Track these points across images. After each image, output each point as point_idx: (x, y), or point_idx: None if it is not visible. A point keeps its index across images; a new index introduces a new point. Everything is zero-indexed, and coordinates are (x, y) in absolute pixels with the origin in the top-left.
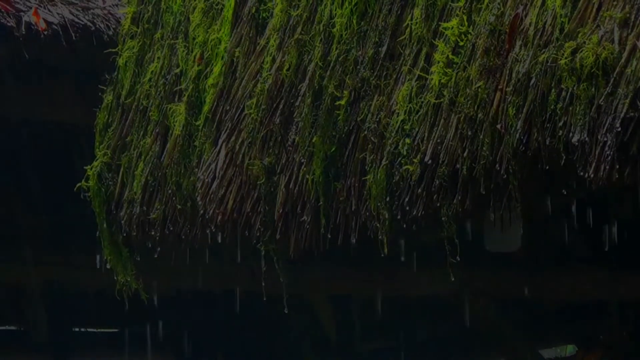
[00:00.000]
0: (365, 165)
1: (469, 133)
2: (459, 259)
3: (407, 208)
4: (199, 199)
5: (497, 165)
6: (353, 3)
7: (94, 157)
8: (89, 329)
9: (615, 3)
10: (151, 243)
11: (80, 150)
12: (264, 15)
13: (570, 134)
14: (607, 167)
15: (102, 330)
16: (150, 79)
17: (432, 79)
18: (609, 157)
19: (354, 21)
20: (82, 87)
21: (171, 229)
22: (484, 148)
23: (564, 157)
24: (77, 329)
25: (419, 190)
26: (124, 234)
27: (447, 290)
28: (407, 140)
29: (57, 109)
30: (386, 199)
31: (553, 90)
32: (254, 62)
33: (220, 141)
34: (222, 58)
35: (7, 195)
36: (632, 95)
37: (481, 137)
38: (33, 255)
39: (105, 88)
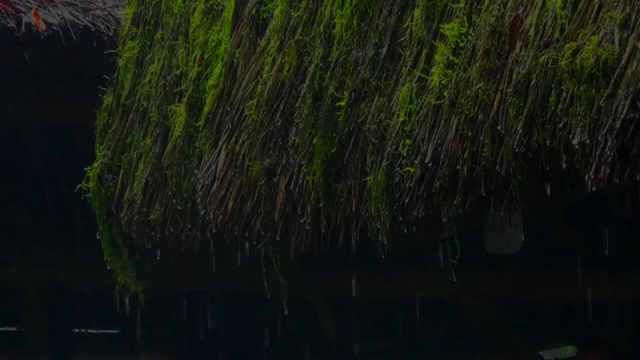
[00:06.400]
0: (365, 166)
1: (470, 134)
2: (459, 260)
3: (408, 209)
4: (199, 200)
5: (497, 167)
6: (353, 4)
7: (94, 158)
8: (89, 330)
9: (615, 4)
10: (151, 244)
11: (80, 151)
12: (264, 16)
13: (571, 135)
14: (608, 168)
15: (102, 331)
16: (150, 80)
17: (432, 80)
18: (609, 158)
19: (354, 22)
20: (82, 88)
21: (171, 230)
22: (485, 149)
23: (565, 159)
24: (77, 330)
25: (420, 192)
26: (124, 235)
27: (447, 291)
28: (408, 142)
29: (57, 110)
30: (386, 200)
31: (553, 91)
32: (254, 63)
33: (220, 142)
34: (222, 59)
35: (7, 195)
36: (633, 96)
37: (481, 138)
38: (33, 255)
39: (105, 89)
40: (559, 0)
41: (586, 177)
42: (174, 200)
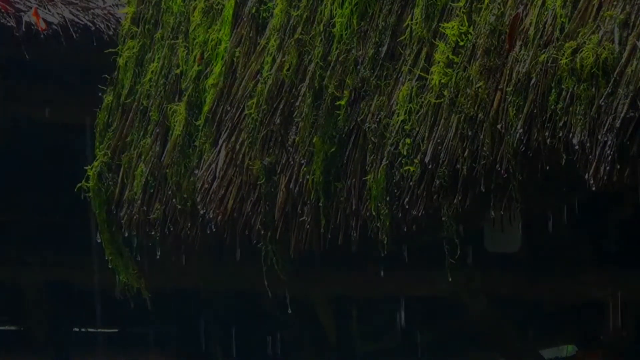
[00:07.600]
0: (365, 165)
1: (469, 133)
2: (458, 260)
3: (408, 208)
4: (199, 199)
5: (497, 166)
6: (353, 3)
7: (95, 157)
8: (89, 329)
9: (615, 3)
10: (151, 243)
11: (80, 150)
12: (264, 15)
13: (571, 134)
14: (607, 167)
15: (102, 330)
16: (150, 79)
17: (432, 79)
18: (609, 157)
19: (354, 21)
20: (83, 87)
21: (171, 229)
22: (484, 148)
23: (564, 157)
24: (77, 329)
25: (419, 191)
26: (125, 234)
27: (447, 290)
28: (408, 141)
29: (57, 109)
30: (386, 199)
31: (553, 90)
32: (254, 62)
33: (220, 141)
34: (222, 58)
35: (7, 195)
36: (632, 95)
37: (481, 137)
38: (33, 255)
39: (105, 88)
40: None
41: (586, 176)
42: (173, 200)
